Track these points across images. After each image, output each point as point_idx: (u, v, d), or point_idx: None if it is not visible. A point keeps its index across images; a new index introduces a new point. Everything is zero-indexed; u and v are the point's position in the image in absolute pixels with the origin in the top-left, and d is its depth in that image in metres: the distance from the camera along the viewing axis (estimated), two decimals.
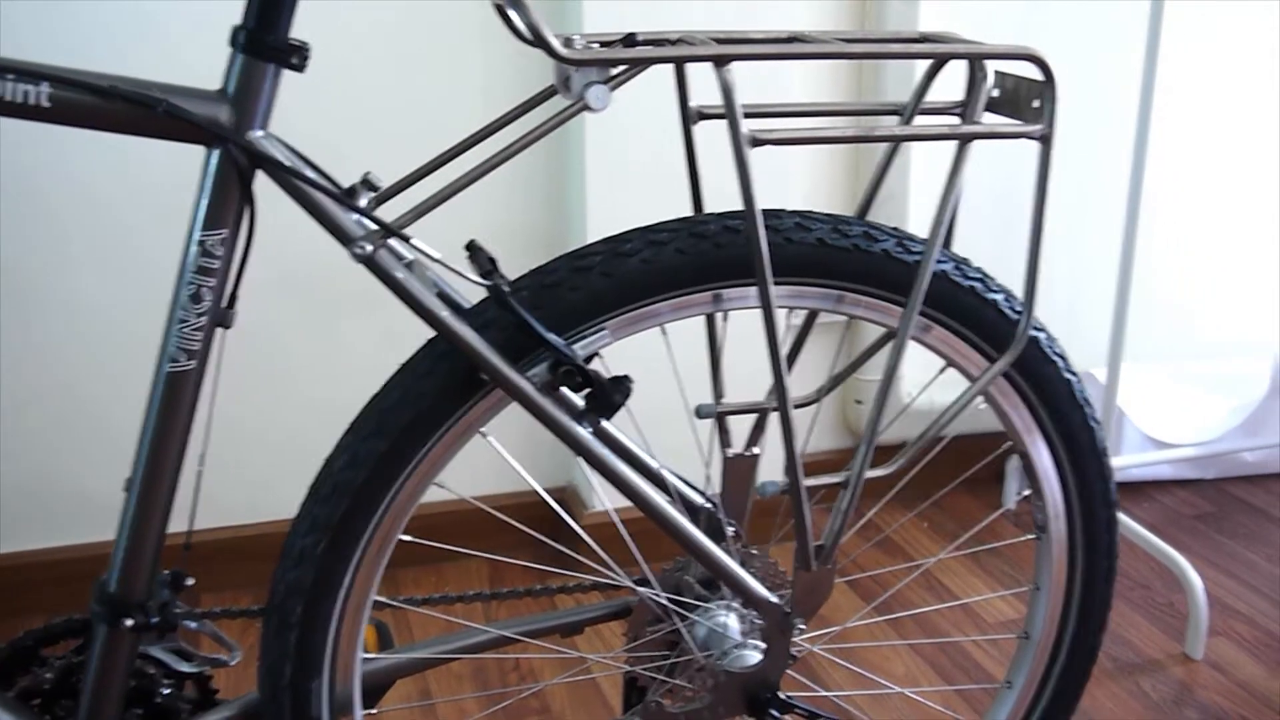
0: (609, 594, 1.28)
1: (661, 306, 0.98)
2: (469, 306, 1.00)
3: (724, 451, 1.14)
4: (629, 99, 1.15)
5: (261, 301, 1.82)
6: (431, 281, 1.00)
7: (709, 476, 1.17)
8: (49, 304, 1.75)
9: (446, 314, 0.92)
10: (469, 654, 1.18)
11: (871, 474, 1.04)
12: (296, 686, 1.00)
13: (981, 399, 1.09)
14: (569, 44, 0.87)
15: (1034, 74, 0.97)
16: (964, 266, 1.06)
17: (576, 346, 0.96)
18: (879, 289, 1.03)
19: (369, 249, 0.89)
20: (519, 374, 0.94)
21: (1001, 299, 1.07)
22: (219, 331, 0.95)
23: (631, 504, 1.02)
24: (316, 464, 0.98)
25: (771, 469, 1.03)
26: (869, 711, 1.64)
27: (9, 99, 0.84)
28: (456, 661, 1.71)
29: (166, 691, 1.06)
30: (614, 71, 0.89)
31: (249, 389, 1.87)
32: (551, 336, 0.94)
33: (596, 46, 0.90)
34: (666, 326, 1.00)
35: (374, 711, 1.11)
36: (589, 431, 0.98)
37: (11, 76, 0.83)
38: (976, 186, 2.08)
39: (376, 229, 0.90)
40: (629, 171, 1.80)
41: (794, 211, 1.02)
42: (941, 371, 1.13)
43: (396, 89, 1.80)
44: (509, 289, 0.94)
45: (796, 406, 1.12)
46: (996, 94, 1.02)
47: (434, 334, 0.95)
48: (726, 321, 1.09)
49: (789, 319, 1.12)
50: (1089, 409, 1.14)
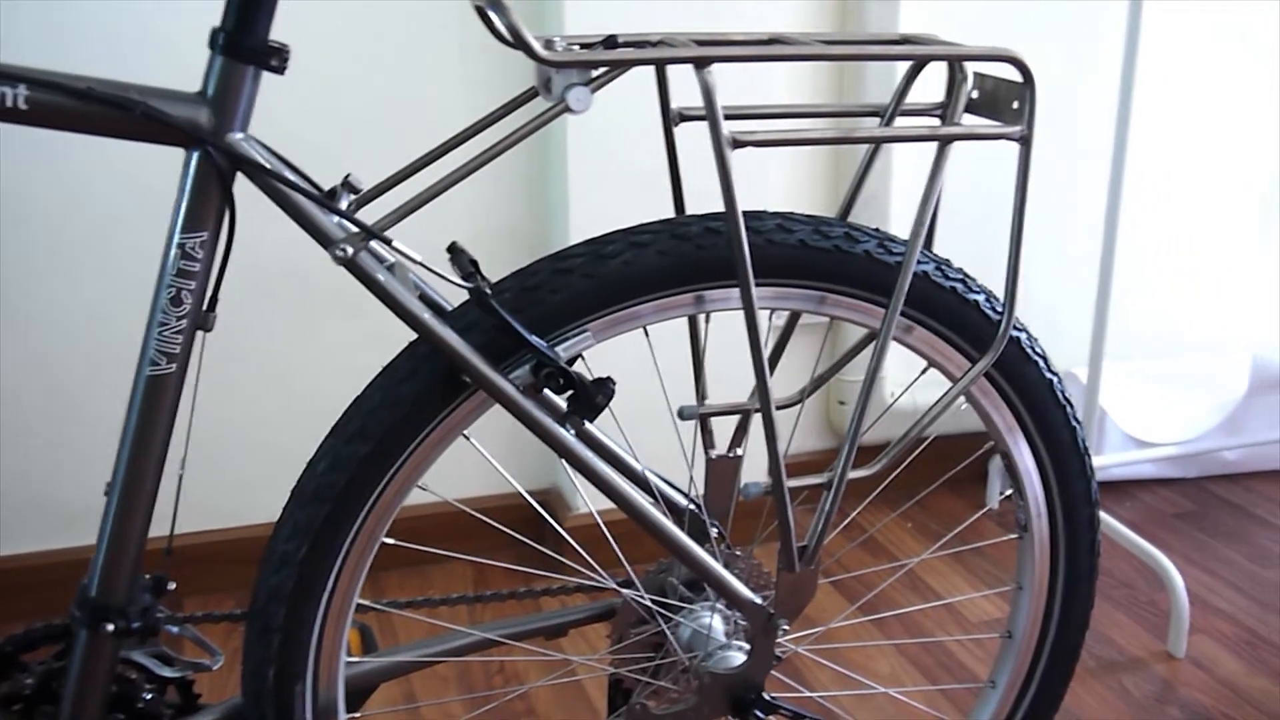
0: (593, 596, 1.28)
1: (644, 308, 0.98)
2: (451, 309, 0.99)
3: (707, 453, 1.14)
4: (610, 101, 1.15)
5: (243, 304, 1.81)
6: (413, 284, 1.00)
7: (692, 478, 1.17)
8: (34, 307, 1.74)
9: (428, 316, 0.92)
10: (453, 657, 1.18)
11: (854, 474, 1.05)
12: (279, 690, 0.99)
13: (963, 399, 1.09)
14: (549, 46, 0.87)
15: (1013, 75, 0.97)
16: (945, 267, 1.07)
17: (559, 348, 0.96)
18: (861, 290, 1.04)
19: (350, 251, 0.89)
20: (501, 376, 0.94)
21: (982, 299, 1.08)
22: (199, 334, 0.94)
23: (615, 506, 1.02)
24: (299, 467, 0.98)
25: (755, 470, 1.03)
26: (853, 712, 1.65)
27: None
28: (441, 664, 1.71)
29: (148, 696, 1.05)
30: (595, 73, 0.89)
31: (231, 392, 1.86)
32: (534, 338, 0.94)
33: (577, 48, 0.90)
34: (649, 328, 1.00)
35: (358, 715, 1.10)
36: (572, 433, 0.98)
37: None
38: (957, 188, 2.09)
39: (357, 231, 0.90)
40: (611, 173, 1.80)
41: (775, 213, 1.02)
42: (923, 372, 1.13)
43: (377, 91, 1.80)
44: (491, 291, 0.94)
45: (779, 408, 1.12)
46: (976, 95, 1.02)
47: (416, 336, 0.95)
48: (709, 323, 1.09)
49: (771, 320, 1.12)
50: (1070, 408, 1.15)
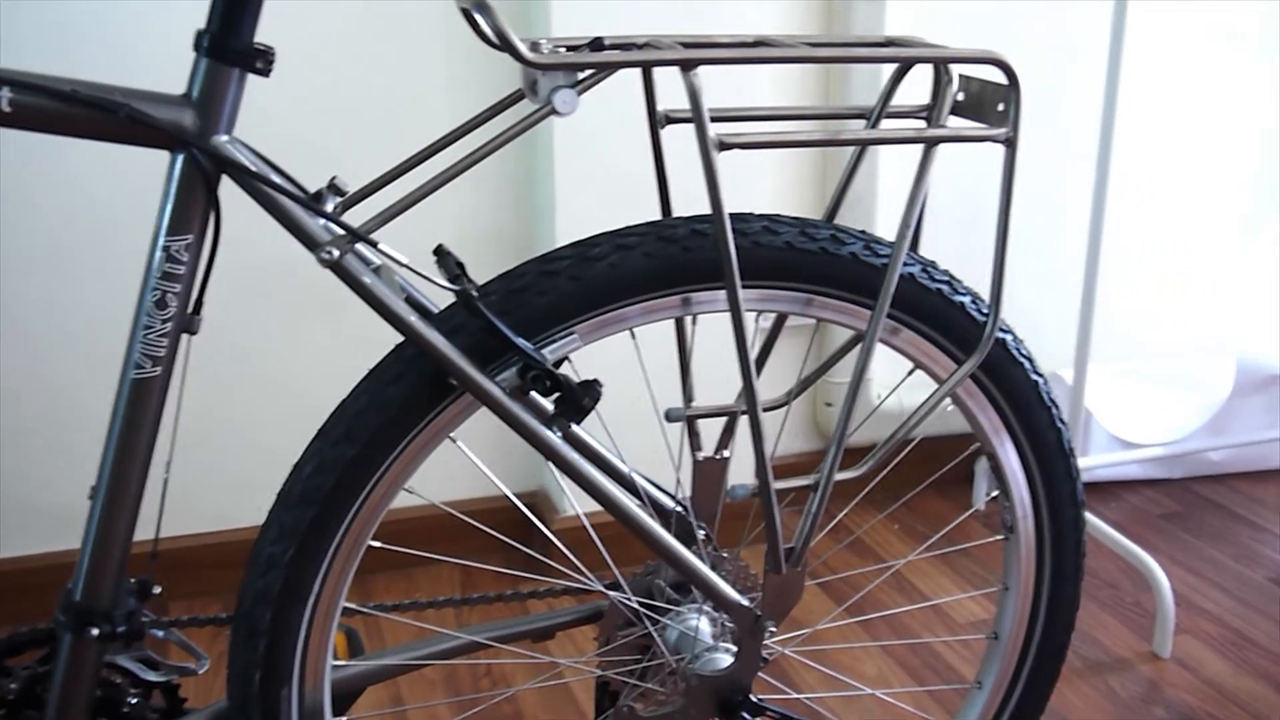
0: (580, 598, 1.28)
1: (630, 310, 0.98)
2: (437, 311, 0.99)
3: (694, 455, 1.14)
4: (597, 103, 1.15)
5: (228, 306, 1.81)
6: (399, 286, 0.99)
7: (679, 480, 1.18)
8: (33, 310, 1.74)
9: (414, 319, 0.92)
10: (440, 660, 1.17)
11: (841, 476, 1.05)
12: (265, 694, 0.99)
13: (949, 401, 1.09)
14: (535, 48, 0.87)
15: (998, 78, 0.97)
16: (931, 269, 1.07)
17: (545, 351, 0.96)
18: (847, 292, 1.04)
19: (336, 254, 0.89)
20: (488, 379, 0.94)
21: (968, 301, 1.08)
22: (184, 337, 0.94)
23: (602, 508, 1.02)
24: (285, 470, 0.98)
25: (741, 472, 1.03)
26: (841, 713, 1.65)
27: None
28: (428, 667, 1.70)
29: (134, 701, 1.05)
30: (581, 75, 0.89)
31: (216, 395, 1.85)
32: (520, 341, 0.93)
33: (563, 51, 0.90)
34: (636, 330, 1.00)
35: (344, 718, 1.10)
36: (558, 436, 0.98)
37: None
38: (943, 190, 2.10)
39: (343, 234, 0.89)
40: (597, 175, 1.80)
41: (762, 215, 1.02)
42: (910, 374, 1.13)
43: (363, 94, 1.80)
44: (477, 293, 0.93)
45: (766, 409, 1.11)
46: (961, 98, 1.02)
47: (402, 339, 0.94)
48: (695, 325, 1.09)
49: (758, 322, 1.12)
50: (1056, 410, 1.15)
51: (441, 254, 0.96)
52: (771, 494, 1.01)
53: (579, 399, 0.96)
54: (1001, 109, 0.98)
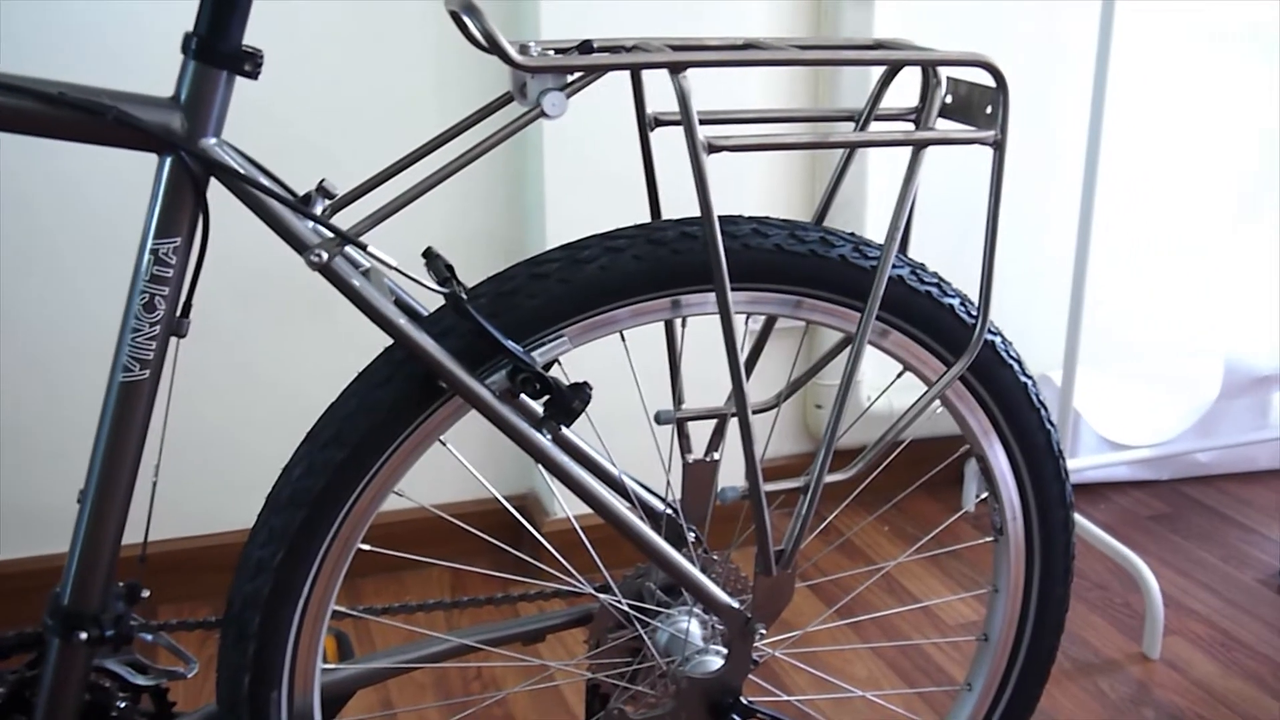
0: (571, 601, 1.28)
1: (620, 313, 0.98)
2: (427, 314, 0.99)
3: (684, 457, 1.14)
4: (586, 106, 1.15)
5: (217, 309, 1.80)
6: (389, 289, 0.99)
7: (669, 482, 1.18)
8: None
9: (404, 322, 0.92)
10: (430, 663, 1.17)
11: (831, 478, 1.05)
12: (255, 698, 0.99)
13: (939, 403, 1.10)
14: (524, 51, 0.87)
15: (987, 80, 0.97)
16: (920, 271, 1.07)
17: (535, 353, 0.96)
18: (836, 294, 1.04)
19: (325, 257, 0.89)
20: (477, 381, 0.94)
21: (957, 303, 1.08)
22: (173, 340, 0.93)
23: (592, 511, 1.02)
24: (275, 473, 0.98)
25: (732, 474, 1.03)
26: (831, 715, 1.65)
27: None
28: (418, 671, 1.70)
29: (122, 705, 1.04)
30: (570, 78, 0.89)
31: (205, 397, 1.85)
32: (510, 343, 0.93)
33: (552, 53, 0.90)
34: (625, 333, 1.00)
35: None
36: (548, 438, 0.98)
37: None
38: (931, 192, 2.10)
39: (332, 237, 0.89)
40: (586, 178, 1.80)
41: (751, 217, 1.02)
42: (899, 376, 1.13)
43: (353, 96, 1.79)
44: (467, 296, 0.93)
45: (756, 412, 1.12)
46: (950, 100, 1.02)
47: (392, 342, 0.94)
48: (685, 327, 1.09)
49: (747, 324, 1.12)
50: (1045, 411, 1.15)
51: (431, 256, 0.96)
52: (761, 496, 1.01)
53: (569, 401, 0.96)
54: (990, 111, 0.98)
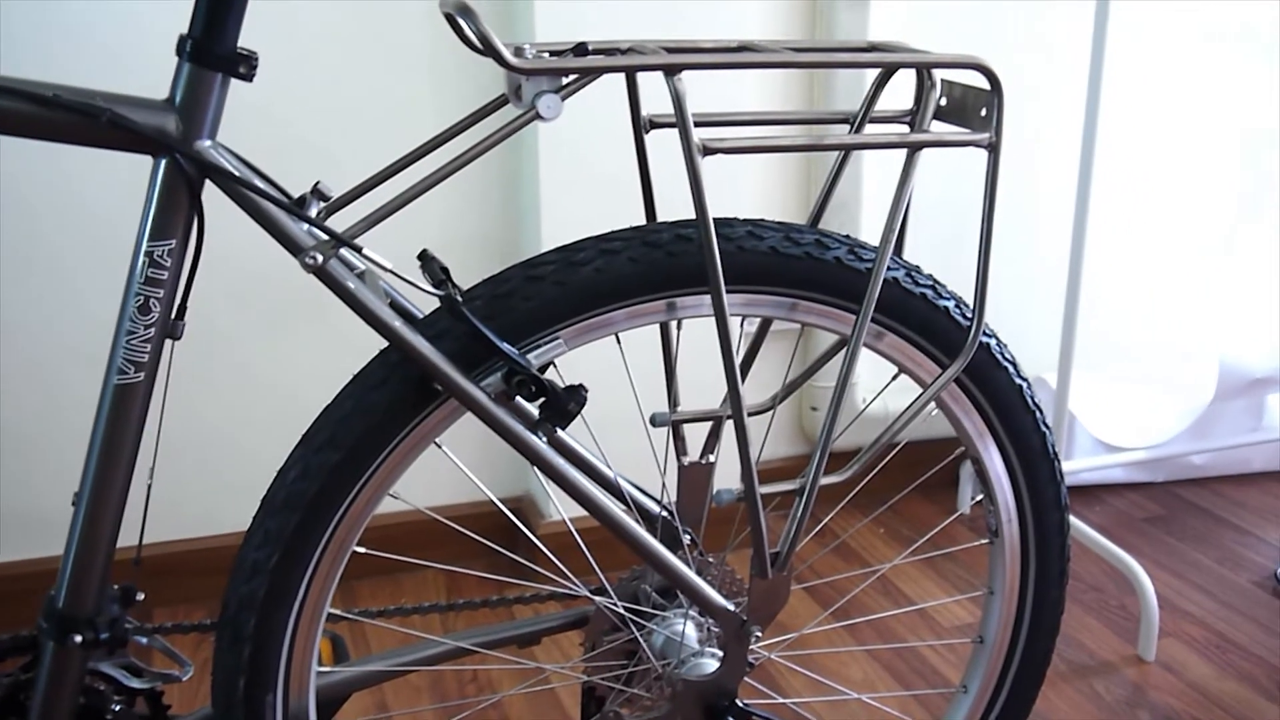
0: (566, 604, 1.28)
1: (615, 315, 0.98)
2: (422, 316, 0.99)
3: (679, 460, 1.14)
4: (581, 108, 1.15)
5: (212, 311, 1.80)
6: (384, 291, 0.99)
7: (664, 485, 1.17)
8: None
9: (399, 324, 0.92)
10: (426, 666, 1.17)
11: (826, 480, 1.05)
12: (250, 701, 0.99)
13: (934, 405, 1.10)
14: (519, 53, 0.87)
15: (981, 83, 0.98)
16: (915, 274, 1.07)
17: (531, 356, 0.96)
18: (832, 296, 1.04)
19: (320, 259, 0.88)
20: (473, 384, 0.94)
21: (952, 305, 1.08)
22: (168, 343, 0.93)
23: (587, 513, 1.02)
24: (270, 476, 0.98)
25: (727, 477, 1.03)
26: (827, 718, 1.65)
27: None
28: (414, 673, 1.69)
29: (117, 708, 1.04)
30: (565, 80, 0.89)
31: (200, 400, 1.85)
32: (505, 346, 0.93)
33: (547, 56, 0.90)
34: (621, 335, 1.00)
35: None
36: (544, 441, 0.98)
37: None
38: (926, 194, 2.10)
39: (327, 239, 0.89)
40: (582, 180, 1.80)
41: (746, 220, 1.02)
42: (894, 378, 1.13)
43: (348, 98, 1.79)
44: (462, 298, 0.93)
45: (751, 414, 1.12)
46: (944, 103, 1.03)
47: (387, 344, 0.94)
48: (680, 330, 1.09)
49: (743, 327, 1.12)
50: (1040, 414, 1.15)
51: (426, 259, 0.96)
52: (757, 498, 1.01)
53: (564, 404, 0.96)
54: (984, 114, 0.99)
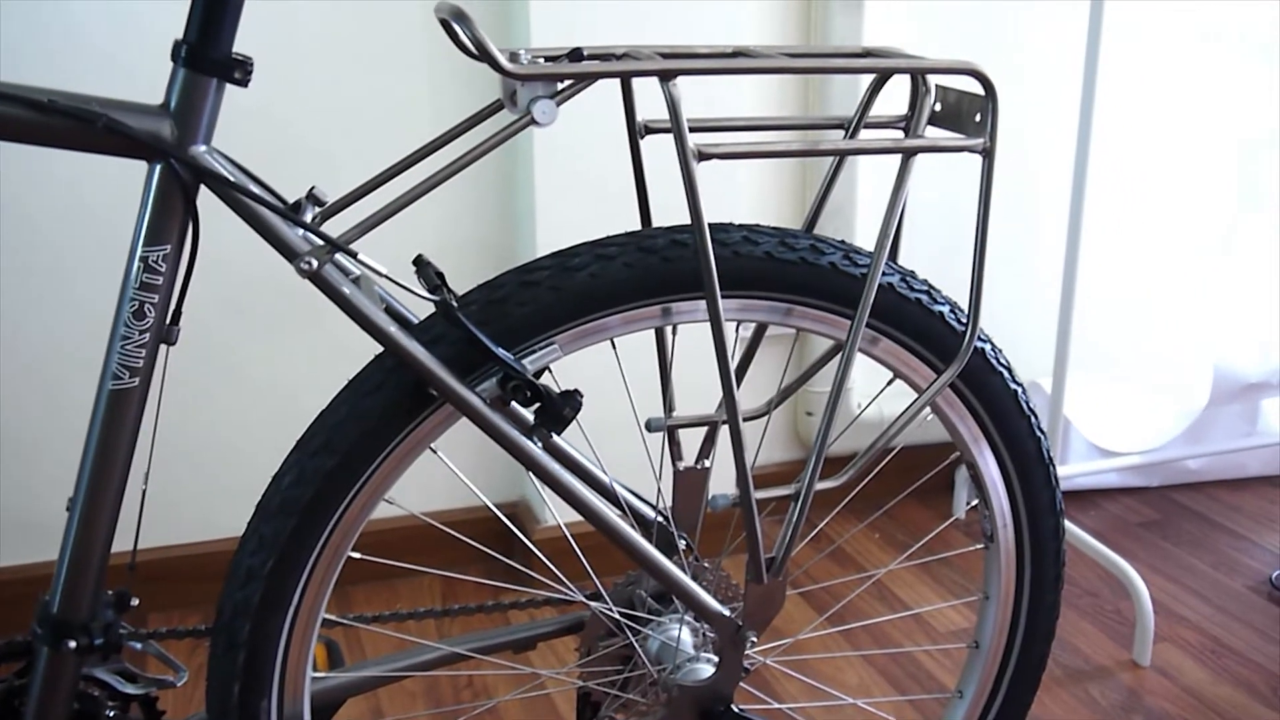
0: (561, 609, 1.28)
1: (611, 320, 0.99)
2: (417, 322, 0.99)
3: (675, 465, 1.14)
4: (576, 113, 1.15)
5: (207, 316, 1.80)
6: (379, 296, 0.99)
7: (660, 490, 1.18)
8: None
9: (394, 329, 0.92)
10: (421, 671, 1.17)
11: (822, 485, 1.05)
12: (245, 707, 0.98)
13: (929, 410, 1.10)
14: (515, 59, 0.87)
15: (976, 88, 0.98)
16: (910, 279, 1.07)
17: (526, 361, 0.96)
18: (827, 302, 1.04)
19: (314, 264, 0.88)
20: (468, 389, 0.94)
21: (947, 311, 1.08)
22: (162, 348, 0.93)
23: (582, 518, 1.02)
24: (265, 481, 0.97)
25: (722, 482, 1.03)
26: None
27: None
28: (409, 679, 1.70)
29: (111, 714, 1.04)
30: (560, 86, 0.89)
31: (195, 405, 1.84)
32: (500, 351, 0.93)
33: (542, 61, 0.90)
34: (616, 340, 1.00)
35: None
36: (539, 446, 0.98)
37: None
38: (921, 199, 2.10)
39: (322, 244, 0.89)
40: (577, 185, 1.80)
41: (741, 225, 1.02)
42: (890, 383, 1.14)
43: (343, 103, 1.79)
44: (457, 304, 0.93)
45: (746, 419, 1.12)
46: (939, 108, 1.03)
47: (382, 349, 0.94)
48: (676, 335, 1.09)
49: (738, 332, 1.13)
50: (1035, 418, 1.15)
51: (421, 264, 0.96)
52: (752, 503, 1.01)
53: (559, 409, 0.96)
54: (979, 119, 0.99)
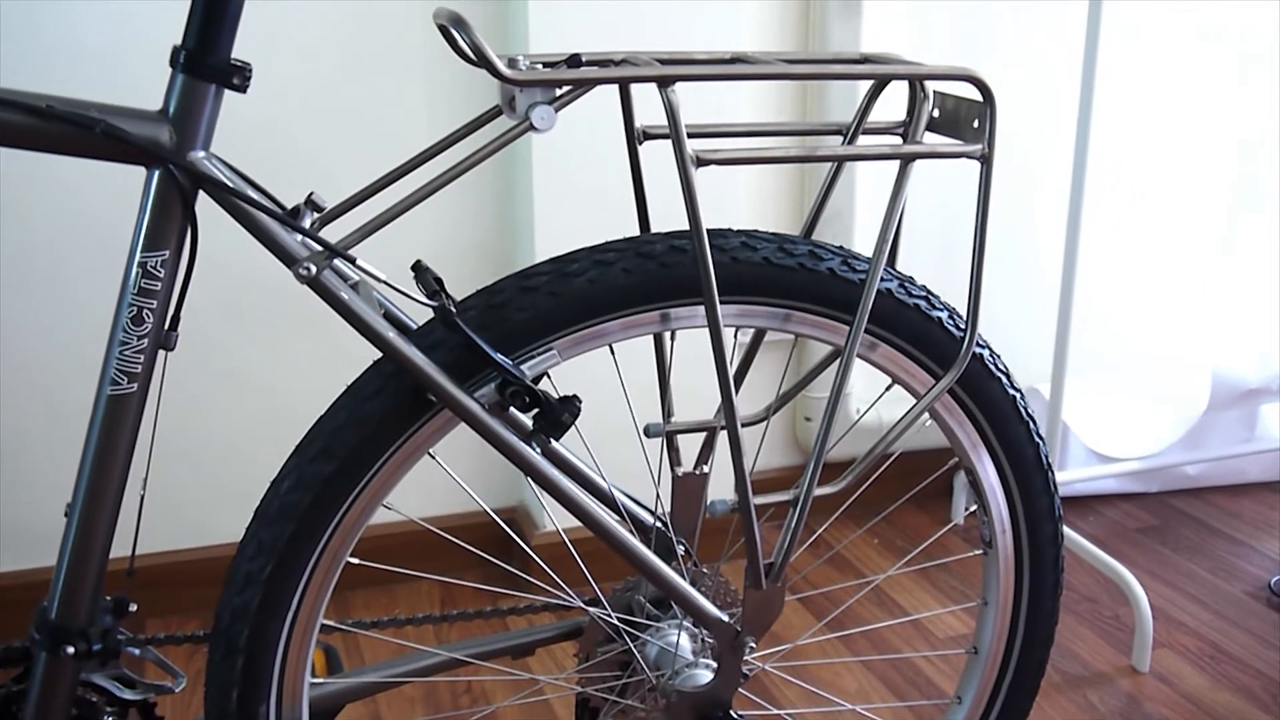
0: (560, 615, 1.28)
1: (609, 326, 0.99)
2: (416, 327, 0.99)
3: (673, 470, 1.14)
4: (575, 119, 1.15)
5: (206, 322, 1.80)
6: (378, 302, 0.99)
7: (658, 495, 1.18)
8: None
9: (393, 335, 0.92)
10: (420, 677, 1.17)
11: (820, 491, 1.05)
12: (243, 712, 0.98)
13: (927, 415, 1.10)
14: (513, 65, 0.87)
15: (974, 94, 0.98)
16: (908, 284, 1.07)
17: (524, 366, 0.96)
18: (825, 307, 1.04)
19: (313, 270, 0.89)
20: (466, 394, 0.94)
21: (945, 316, 1.08)
22: (161, 353, 0.93)
23: (581, 524, 1.02)
24: (263, 486, 0.97)
25: (721, 487, 1.03)
26: None
27: None
28: (407, 684, 1.69)
29: (110, 719, 1.04)
30: (559, 92, 0.89)
31: (194, 410, 1.84)
32: (499, 357, 0.93)
33: (541, 67, 0.90)
34: (615, 346, 1.00)
35: None
36: (538, 451, 0.98)
37: None
38: (920, 205, 2.10)
39: (321, 250, 0.89)
40: (576, 191, 1.80)
41: (740, 231, 1.03)
42: (888, 389, 1.14)
43: (342, 109, 1.80)
44: (456, 309, 0.94)
45: (745, 425, 1.12)
46: (937, 114, 1.03)
47: (381, 355, 0.94)
48: (674, 340, 1.09)
49: (736, 337, 1.13)
50: (1033, 424, 1.15)
51: (420, 269, 0.96)
52: (751, 509, 1.01)
53: (558, 415, 0.96)
54: (977, 125, 0.99)
